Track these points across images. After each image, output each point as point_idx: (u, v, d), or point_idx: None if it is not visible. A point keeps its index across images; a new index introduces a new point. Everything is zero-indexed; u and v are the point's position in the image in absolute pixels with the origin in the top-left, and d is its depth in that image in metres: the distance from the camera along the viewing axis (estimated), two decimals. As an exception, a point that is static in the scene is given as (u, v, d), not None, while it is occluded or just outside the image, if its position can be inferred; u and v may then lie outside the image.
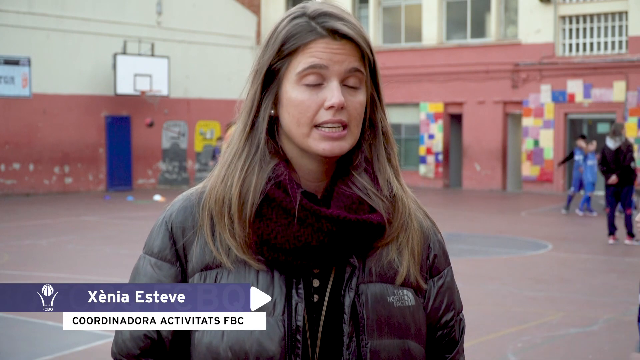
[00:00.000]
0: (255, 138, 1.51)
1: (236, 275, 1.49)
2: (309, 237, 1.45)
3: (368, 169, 1.53)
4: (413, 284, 1.55)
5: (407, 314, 1.53)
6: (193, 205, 1.55)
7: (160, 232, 1.56)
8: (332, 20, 1.48)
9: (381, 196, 1.52)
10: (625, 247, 12.88)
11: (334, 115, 1.45)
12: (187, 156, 26.81)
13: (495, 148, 25.32)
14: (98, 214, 17.78)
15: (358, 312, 1.48)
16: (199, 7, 26.65)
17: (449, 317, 1.63)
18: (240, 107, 1.56)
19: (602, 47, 23.90)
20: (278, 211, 1.47)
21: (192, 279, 1.52)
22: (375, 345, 1.48)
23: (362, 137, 1.54)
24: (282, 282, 1.47)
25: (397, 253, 1.54)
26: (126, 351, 1.55)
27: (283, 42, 1.48)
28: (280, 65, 1.49)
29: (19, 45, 22.49)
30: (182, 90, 26.28)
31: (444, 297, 1.62)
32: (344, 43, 1.47)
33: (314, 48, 1.46)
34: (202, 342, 1.49)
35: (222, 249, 1.50)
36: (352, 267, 1.49)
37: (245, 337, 1.45)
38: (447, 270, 1.64)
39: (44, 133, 23.18)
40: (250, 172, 1.50)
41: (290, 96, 1.48)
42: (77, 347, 6.93)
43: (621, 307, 8.54)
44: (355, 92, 1.49)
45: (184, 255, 1.54)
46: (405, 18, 27.36)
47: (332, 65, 1.46)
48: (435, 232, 1.63)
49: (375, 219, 1.49)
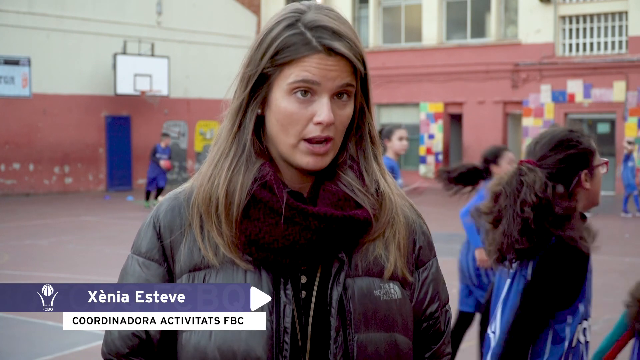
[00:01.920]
0: (242, 138, 1.52)
1: (224, 275, 1.49)
2: (297, 236, 1.46)
3: (354, 166, 1.55)
4: (399, 278, 1.56)
5: (393, 307, 1.53)
6: (181, 204, 1.56)
7: (148, 232, 1.57)
8: (329, 36, 1.47)
9: (367, 193, 1.53)
10: (625, 247, 12.88)
11: (322, 132, 1.46)
12: (187, 156, 26.82)
13: (495, 148, 25.31)
14: (98, 214, 17.78)
15: (345, 306, 1.48)
16: (199, 7, 26.65)
17: (434, 309, 1.63)
18: (227, 106, 1.57)
19: (602, 47, 23.90)
20: (265, 211, 1.47)
21: (179, 279, 1.52)
22: (362, 339, 1.49)
23: (348, 138, 1.55)
24: (270, 282, 1.48)
25: (384, 248, 1.54)
26: (115, 350, 1.56)
27: (277, 52, 1.48)
28: (272, 72, 1.49)
29: (19, 45, 22.49)
30: (182, 90, 26.27)
31: (429, 289, 1.62)
32: (338, 59, 1.47)
33: (308, 62, 1.46)
34: (189, 343, 1.49)
35: (210, 247, 1.50)
36: (340, 262, 1.50)
37: (233, 338, 1.46)
38: (432, 262, 1.64)
39: (44, 133, 23.18)
40: (236, 172, 1.50)
41: (279, 104, 1.48)
42: (77, 347, 6.93)
43: (621, 307, 8.52)
44: (344, 105, 1.50)
45: (171, 256, 1.54)
46: (405, 18, 27.36)
47: (324, 82, 1.46)
48: (420, 224, 1.63)
49: (362, 214, 1.50)
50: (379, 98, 26.99)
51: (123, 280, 1.59)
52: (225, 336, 1.46)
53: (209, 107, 26.73)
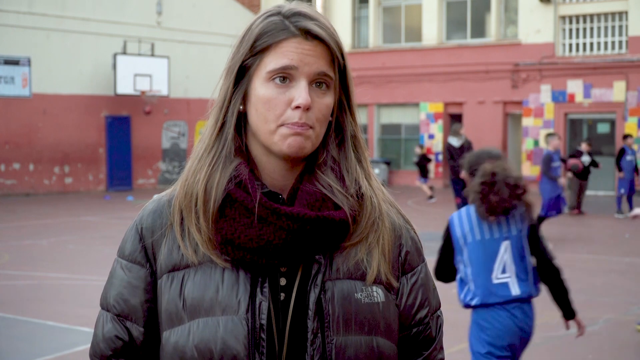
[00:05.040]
0: (224, 134, 1.53)
1: (202, 275, 1.50)
2: (272, 236, 1.46)
3: (334, 167, 1.54)
4: (384, 282, 1.55)
5: (376, 310, 1.52)
6: (163, 207, 1.57)
7: (131, 235, 1.59)
8: (305, 20, 1.49)
9: (346, 194, 1.52)
10: (625, 247, 12.88)
11: (300, 118, 1.46)
12: (187, 156, 26.81)
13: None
14: (98, 214, 17.78)
15: (323, 308, 1.48)
16: (199, 7, 26.66)
17: (424, 314, 1.62)
18: (213, 104, 1.58)
19: (602, 47, 23.90)
20: (240, 210, 1.48)
21: (160, 280, 1.54)
22: (341, 342, 1.48)
23: (328, 137, 1.55)
24: (247, 280, 1.48)
25: (366, 253, 1.53)
26: (100, 353, 1.58)
27: (256, 39, 1.50)
28: (252, 62, 1.50)
29: (19, 45, 22.49)
30: (182, 90, 26.28)
31: (418, 294, 1.61)
32: (315, 44, 1.48)
33: (285, 47, 1.48)
34: (169, 342, 1.51)
35: (191, 245, 1.51)
36: (318, 264, 1.49)
37: (210, 336, 1.46)
38: (421, 267, 1.63)
39: (44, 133, 23.17)
40: (215, 169, 1.51)
41: (258, 93, 1.49)
42: (77, 347, 6.92)
43: (621, 307, 8.54)
44: (323, 94, 1.50)
45: (152, 257, 1.56)
46: (405, 18, 27.36)
47: (302, 66, 1.47)
48: (408, 229, 1.62)
49: (338, 215, 1.49)
50: (379, 98, 27.00)
51: (108, 284, 1.61)
52: (202, 335, 1.47)
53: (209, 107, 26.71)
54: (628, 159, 17.69)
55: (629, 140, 18.11)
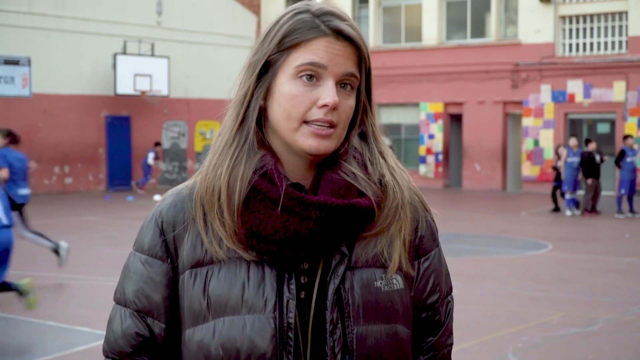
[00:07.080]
0: (246, 128, 1.51)
1: (226, 272, 1.47)
2: (299, 226, 1.44)
3: (357, 156, 1.53)
4: (403, 270, 1.54)
5: (395, 297, 1.51)
6: (184, 200, 1.54)
7: (150, 229, 1.55)
8: (337, 20, 1.48)
9: (370, 181, 1.51)
10: (625, 247, 12.88)
11: (325, 115, 1.45)
12: (187, 156, 26.82)
13: (495, 148, 25.32)
14: (98, 214, 17.78)
15: (343, 298, 1.47)
16: (199, 7, 26.66)
17: (434, 299, 1.60)
18: (231, 101, 1.56)
19: (602, 47, 23.91)
20: (265, 202, 1.46)
21: (182, 276, 1.51)
22: (362, 331, 1.47)
23: (350, 131, 1.54)
24: (274, 278, 1.46)
25: (387, 244, 1.52)
26: (118, 349, 1.53)
27: (285, 35, 1.48)
28: (278, 58, 1.49)
29: (19, 45, 22.49)
30: (182, 90, 26.28)
31: (430, 278, 1.59)
32: (345, 45, 1.48)
33: (315, 45, 1.46)
34: (193, 340, 1.48)
35: (215, 240, 1.49)
36: (341, 255, 1.48)
37: (237, 335, 1.44)
38: (435, 252, 1.62)
39: (44, 133, 23.18)
40: (238, 162, 1.49)
41: (284, 89, 1.47)
42: (77, 347, 6.92)
43: (621, 307, 8.54)
44: (348, 95, 1.49)
45: (174, 251, 1.52)
46: (405, 18, 27.36)
47: (331, 66, 1.46)
48: (426, 215, 1.61)
49: (364, 202, 1.48)
50: (379, 98, 26.92)
51: (125, 278, 1.57)
52: (229, 333, 1.45)
53: (209, 107, 26.73)
54: (628, 161, 17.73)
55: (629, 141, 18.12)
